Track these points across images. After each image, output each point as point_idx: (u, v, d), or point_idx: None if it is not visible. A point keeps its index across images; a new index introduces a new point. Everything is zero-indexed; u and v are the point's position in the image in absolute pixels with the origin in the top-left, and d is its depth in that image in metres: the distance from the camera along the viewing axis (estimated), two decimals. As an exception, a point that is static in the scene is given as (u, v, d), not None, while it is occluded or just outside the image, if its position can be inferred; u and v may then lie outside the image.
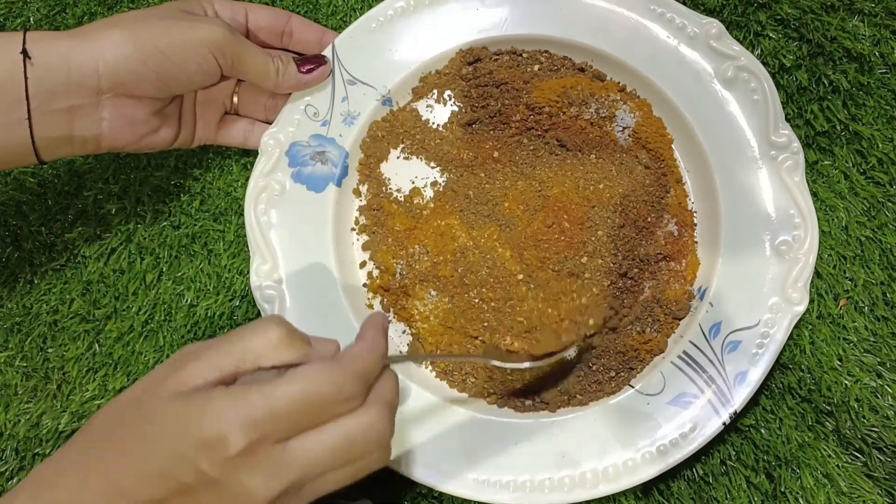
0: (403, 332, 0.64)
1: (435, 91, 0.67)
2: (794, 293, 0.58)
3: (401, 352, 0.63)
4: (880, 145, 0.64)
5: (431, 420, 0.59)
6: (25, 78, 0.52)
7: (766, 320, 0.58)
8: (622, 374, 0.60)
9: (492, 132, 0.66)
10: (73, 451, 0.42)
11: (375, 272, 0.65)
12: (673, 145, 0.65)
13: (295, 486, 0.40)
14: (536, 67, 0.66)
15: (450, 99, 0.67)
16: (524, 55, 0.66)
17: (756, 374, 0.57)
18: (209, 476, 0.38)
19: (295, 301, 0.62)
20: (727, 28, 0.64)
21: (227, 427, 0.38)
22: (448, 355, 0.61)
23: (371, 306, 0.64)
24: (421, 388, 0.61)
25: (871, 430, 0.59)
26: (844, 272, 0.63)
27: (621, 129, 0.65)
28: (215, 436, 0.38)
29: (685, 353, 0.59)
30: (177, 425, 0.39)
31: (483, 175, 0.65)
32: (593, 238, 0.62)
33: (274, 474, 0.39)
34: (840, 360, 0.61)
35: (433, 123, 0.67)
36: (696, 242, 0.63)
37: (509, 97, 0.65)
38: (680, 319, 0.61)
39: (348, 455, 0.41)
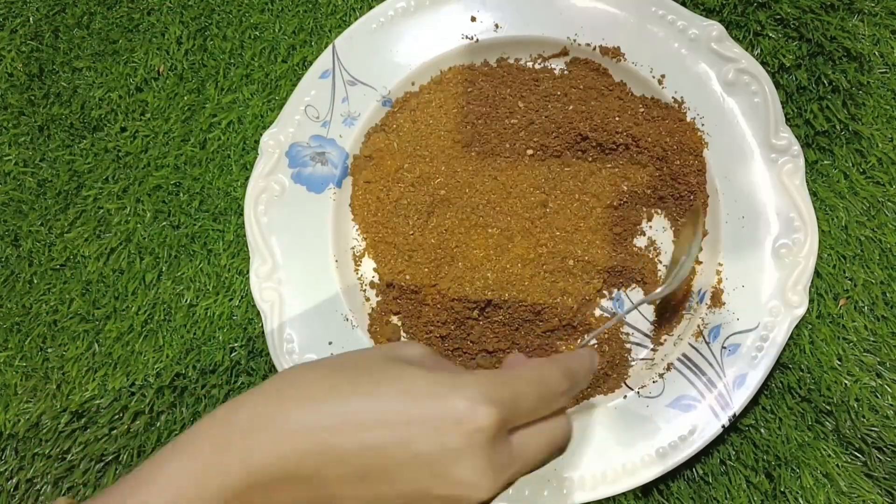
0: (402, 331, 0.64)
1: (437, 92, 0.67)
2: (793, 296, 0.58)
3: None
4: (880, 145, 0.64)
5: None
6: None
7: (766, 323, 0.58)
8: (613, 376, 0.61)
9: (493, 135, 0.66)
10: (257, 397, 0.38)
11: (374, 276, 0.65)
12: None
13: (508, 483, 0.39)
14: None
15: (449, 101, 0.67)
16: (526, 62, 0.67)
17: (756, 378, 0.57)
18: (450, 449, 0.36)
19: (294, 301, 0.62)
20: (727, 28, 0.63)
21: (478, 405, 0.36)
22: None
23: (368, 299, 0.64)
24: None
25: (871, 430, 0.59)
26: (844, 272, 0.63)
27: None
28: (467, 411, 0.36)
29: (685, 355, 0.59)
30: (426, 391, 0.37)
31: (483, 177, 0.65)
32: (588, 238, 0.63)
33: (502, 472, 0.37)
34: (840, 359, 0.61)
35: (433, 125, 0.67)
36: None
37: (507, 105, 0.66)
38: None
39: (550, 452, 0.41)
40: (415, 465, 0.36)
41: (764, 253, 0.60)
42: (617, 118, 0.63)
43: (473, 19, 0.66)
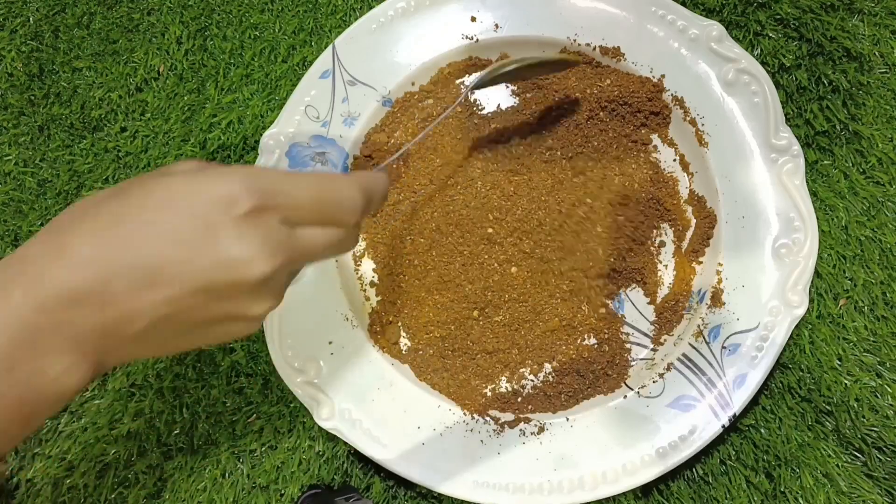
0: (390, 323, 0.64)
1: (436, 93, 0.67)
2: (793, 296, 0.58)
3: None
4: (880, 145, 0.64)
5: (431, 421, 0.60)
6: None
7: (766, 323, 0.58)
8: (613, 375, 0.61)
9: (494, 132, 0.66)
10: (45, 234, 0.38)
11: (374, 276, 0.65)
12: (676, 145, 0.65)
13: (287, 266, 0.39)
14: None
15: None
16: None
17: (756, 378, 0.57)
18: (212, 230, 0.37)
19: (294, 302, 0.62)
20: (727, 28, 0.64)
21: (240, 187, 0.37)
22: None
23: (368, 298, 0.64)
24: (422, 389, 0.61)
25: (871, 430, 0.59)
26: (844, 272, 0.63)
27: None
28: (228, 193, 0.37)
29: (684, 355, 0.59)
30: (187, 187, 0.38)
31: (484, 178, 0.65)
32: (592, 237, 0.63)
33: (276, 248, 0.38)
34: (840, 359, 0.61)
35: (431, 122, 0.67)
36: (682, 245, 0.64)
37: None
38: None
39: (329, 250, 0.42)
40: (190, 257, 0.37)
41: (764, 253, 0.60)
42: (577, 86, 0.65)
43: (473, 19, 0.66)
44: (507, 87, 0.67)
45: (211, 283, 0.37)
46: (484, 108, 0.66)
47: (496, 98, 0.67)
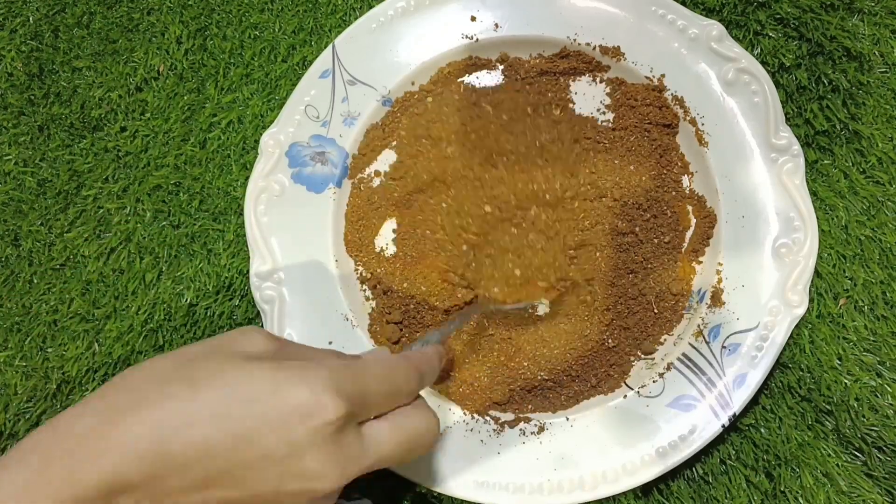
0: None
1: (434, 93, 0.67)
2: (793, 296, 0.58)
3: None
4: (880, 144, 0.64)
5: (431, 421, 0.60)
6: None
7: (766, 323, 0.58)
8: (614, 375, 0.61)
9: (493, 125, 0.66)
10: (95, 411, 0.35)
11: (364, 271, 0.65)
12: (678, 138, 0.65)
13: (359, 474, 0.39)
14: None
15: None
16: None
17: (756, 377, 0.57)
18: (296, 444, 0.36)
19: (294, 302, 0.62)
20: (727, 27, 0.64)
21: (324, 397, 0.37)
22: (449, 323, 0.57)
23: (368, 298, 0.64)
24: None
25: (871, 430, 0.59)
26: (844, 271, 0.63)
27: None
28: (311, 403, 0.36)
29: (684, 355, 0.59)
30: (268, 387, 0.36)
31: (485, 179, 0.65)
32: (594, 237, 0.63)
33: (352, 464, 0.38)
34: (840, 359, 0.61)
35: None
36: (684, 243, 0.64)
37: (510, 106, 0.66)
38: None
39: (410, 449, 0.42)
40: (262, 465, 0.36)
41: (764, 253, 0.60)
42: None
43: (473, 19, 0.66)
44: (506, 77, 0.67)
45: (277, 491, 0.36)
46: (481, 97, 0.66)
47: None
